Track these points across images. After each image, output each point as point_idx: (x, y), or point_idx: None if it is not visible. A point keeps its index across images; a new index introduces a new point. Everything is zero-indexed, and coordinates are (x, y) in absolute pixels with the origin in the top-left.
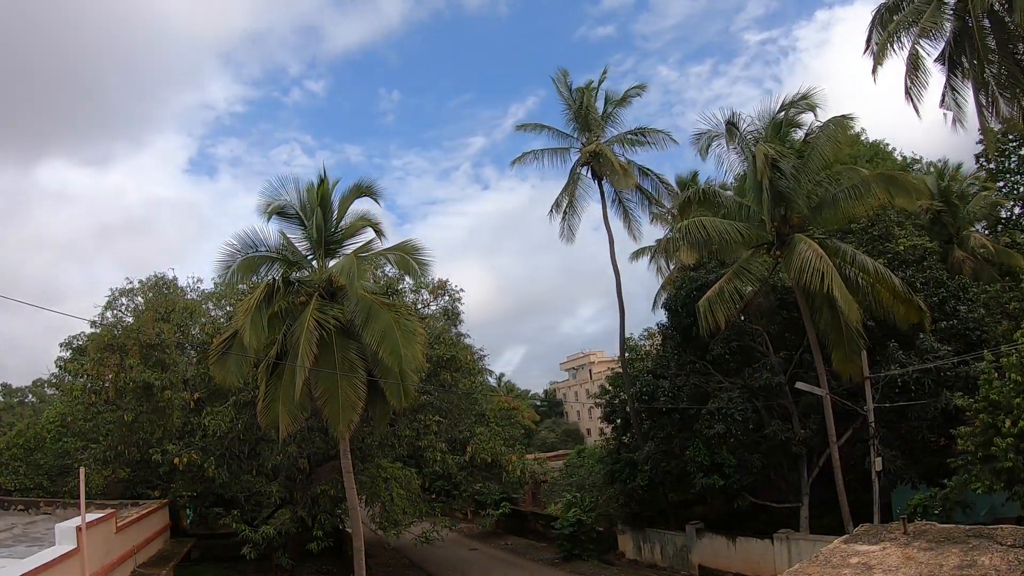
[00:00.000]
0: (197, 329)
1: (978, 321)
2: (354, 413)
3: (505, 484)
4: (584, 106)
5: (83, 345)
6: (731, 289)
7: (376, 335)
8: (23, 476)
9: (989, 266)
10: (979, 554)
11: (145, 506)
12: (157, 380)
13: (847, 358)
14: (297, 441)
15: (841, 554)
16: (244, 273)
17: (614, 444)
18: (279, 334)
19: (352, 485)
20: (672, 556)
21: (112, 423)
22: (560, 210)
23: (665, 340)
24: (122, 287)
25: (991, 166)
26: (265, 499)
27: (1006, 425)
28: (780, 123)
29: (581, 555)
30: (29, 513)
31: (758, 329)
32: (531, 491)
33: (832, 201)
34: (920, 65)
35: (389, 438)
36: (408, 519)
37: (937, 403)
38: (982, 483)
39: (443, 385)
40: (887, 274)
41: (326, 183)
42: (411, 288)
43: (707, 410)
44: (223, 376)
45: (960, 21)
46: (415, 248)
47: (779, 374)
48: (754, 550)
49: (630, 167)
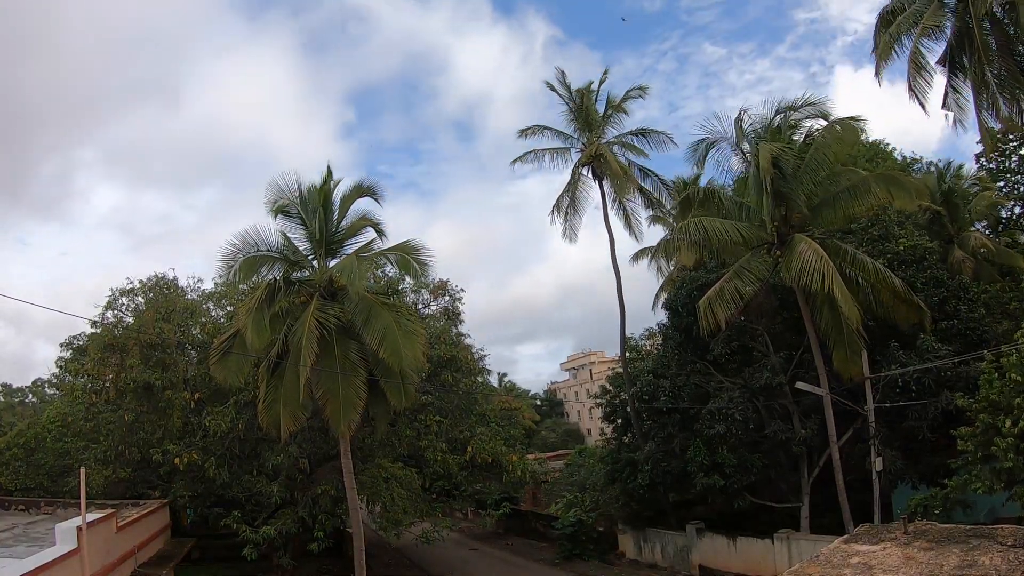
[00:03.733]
0: (198, 329)
1: (978, 321)
2: (355, 413)
3: (505, 484)
4: (584, 107)
5: (84, 345)
6: (731, 289)
7: (376, 335)
8: (24, 476)
9: (989, 266)
10: (979, 554)
11: (145, 506)
12: (158, 380)
13: (847, 358)
14: (298, 441)
15: (841, 554)
16: (246, 273)
17: (614, 444)
18: (280, 334)
19: (353, 485)
20: (672, 556)
21: (112, 423)
22: (561, 210)
23: (665, 340)
24: (123, 287)
25: (991, 166)
26: (266, 499)
27: (1006, 425)
28: (781, 125)
29: (581, 555)
30: (29, 513)
31: (758, 329)
32: (531, 491)
33: (832, 201)
34: (922, 65)
35: (390, 438)
36: (409, 519)
37: (937, 403)
38: (982, 483)
39: (443, 385)
40: (887, 274)
41: (329, 182)
42: (411, 288)
43: (707, 410)
44: (224, 376)
45: (960, 21)
46: (416, 248)
47: (779, 374)
48: (755, 550)
49: (630, 168)
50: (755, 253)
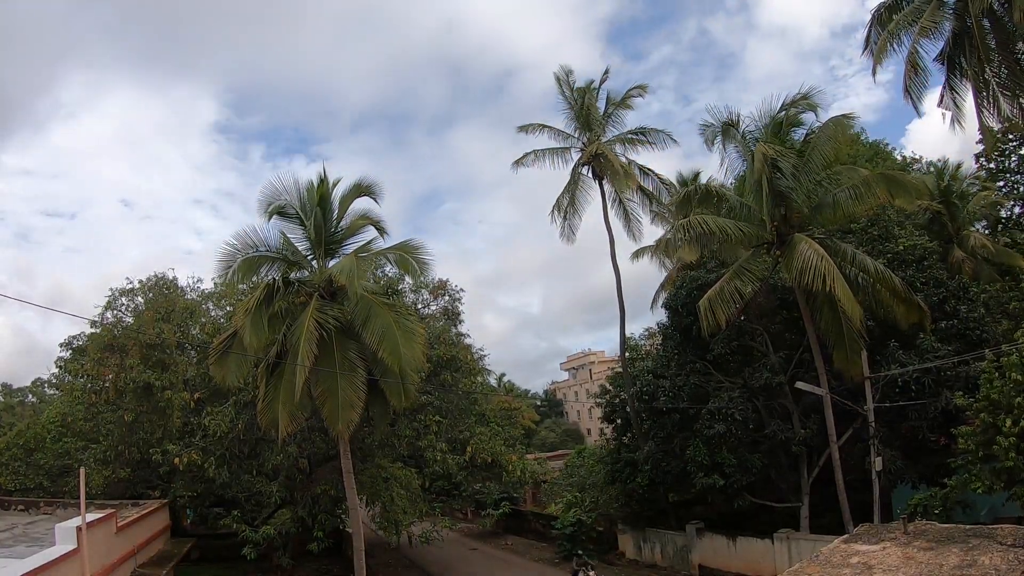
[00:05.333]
0: (197, 329)
1: (978, 321)
2: (353, 413)
3: (505, 484)
4: (585, 106)
5: (83, 345)
6: (731, 288)
7: (376, 335)
8: (23, 476)
9: (989, 266)
10: (979, 553)
11: (145, 506)
12: (157, 380)
13: (847, 358)
14: (297, 441)
15: (841, 554)
16: (244, 273)
17: (614, 444)
18: (279, 334)
19: (352, 485)
20: (672, 556)
21: (112, 423)
22: (561, 210)
23: (665, 340)
24: (122, 287)
25: (991, 166)
26: (265, 499)
27: (1007, 425)
28: (780, 122)
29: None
30: (29, 513)
31: (758, 329)
32: (531, 491)
33: (832, 201)
34: (919, 65)
35: (389, 438)
36: (408, 519)
37: (937, 403)
38: (982, 483)
39: (443, 385)
40: (887, 274)
41: (325, 183)
42: (411, 288)
43: (707, 410)
44: (223, 376)
45: (960, 21)
46: (415, 247)
47: (779, 374)
48: (754, 550)
49: (631, 167)
50: (755, 253)
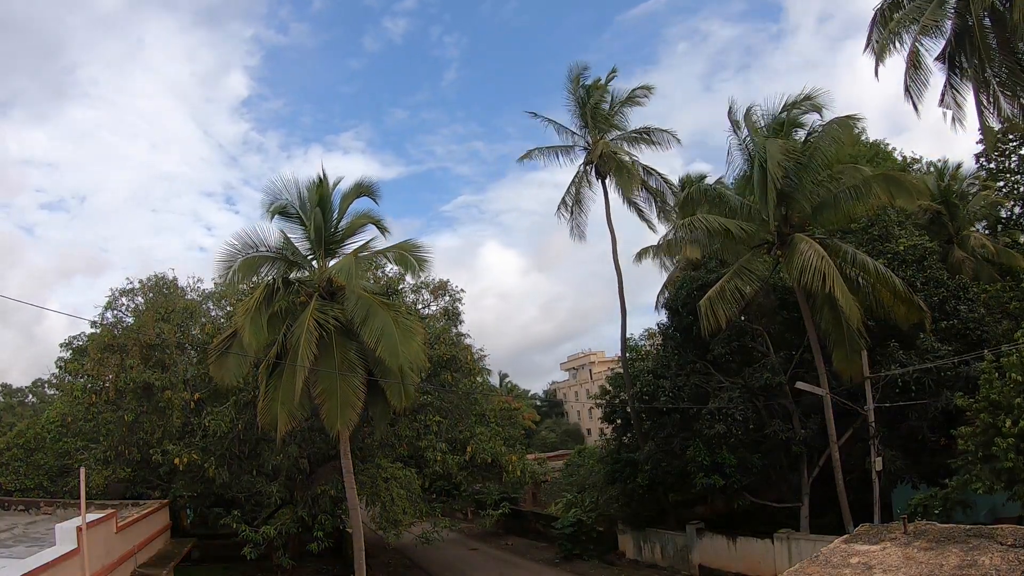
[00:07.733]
0: (197, 329)
1: (978, 321)
2: (352, 413)
3: (505, 484)
4: (591, 104)
5: (83, 345)
6: (732, 289)
7: (374, 334)
8: (23, 476)
9: (989, 266)
10: (979, 554)
11: (145, 506)
12: (157, 380)
13: (847, 358)
14: (297, 441)
15: (841, 554)
16: (245, 273)
17: (614, 444)
18: (279, 334)
19: (352, 485)
20: (672, 556)
21: (112, 423)
22: (567, 208)
23: (666, 340)
24: (122, 287)
25: (991, 166)
26: (265, 499)
27: (1007, 425)
28: (783, 122)
29: (581, 555)
30: (29, 513)
31: (758, 329)
32: (531, 491)
33: (833, 201)
34: (920, 64)
35: (389, 438)
36: (408, 519)
37: (937, 403)
38: (982, 483)
39: (443, 385)
40: (887, 274)
41: (325, 184)
42: (411, 288)
43: (707, 410)
44: (223, 376)
45: (961, 19)
46: (414, 246)
47: (779, 374)
48: (754, 550)
49: (634, 166)
50: (755, 253)
